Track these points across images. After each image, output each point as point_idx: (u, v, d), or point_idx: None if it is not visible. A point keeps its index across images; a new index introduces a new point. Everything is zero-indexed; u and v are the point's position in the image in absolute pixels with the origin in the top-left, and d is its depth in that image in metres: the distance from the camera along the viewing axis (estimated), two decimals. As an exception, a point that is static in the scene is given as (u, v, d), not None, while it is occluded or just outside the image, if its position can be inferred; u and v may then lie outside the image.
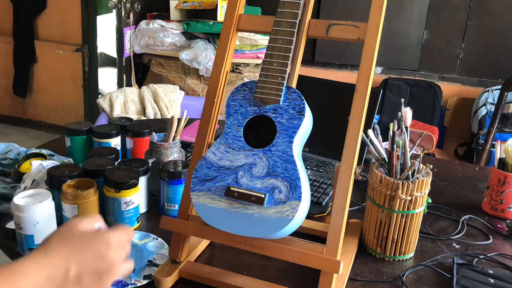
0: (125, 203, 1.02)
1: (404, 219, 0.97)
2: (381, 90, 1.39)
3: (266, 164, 0.81)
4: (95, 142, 1.26)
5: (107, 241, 0.62)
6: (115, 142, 1.28)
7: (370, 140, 0.99)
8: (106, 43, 3.53)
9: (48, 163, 1.11)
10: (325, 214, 1.15)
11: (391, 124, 0.97)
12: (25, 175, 1.10)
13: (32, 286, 0.57)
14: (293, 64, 0.88)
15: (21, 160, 1.20)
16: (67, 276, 0.59)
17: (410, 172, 0.97)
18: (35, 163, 1.10)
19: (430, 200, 1.20)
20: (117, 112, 2.34)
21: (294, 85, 0.88)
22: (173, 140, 1.19)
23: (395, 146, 0.97)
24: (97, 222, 0.67)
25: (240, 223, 0.79)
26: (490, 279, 0.91)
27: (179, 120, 1.21)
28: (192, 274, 0.89)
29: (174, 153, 1.18)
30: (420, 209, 0.98)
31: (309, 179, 1.24)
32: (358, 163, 1.28)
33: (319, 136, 1.20)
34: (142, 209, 1.11)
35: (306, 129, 0.84)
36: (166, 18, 3.16)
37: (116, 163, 1.13)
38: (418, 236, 1.01)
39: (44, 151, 1.26)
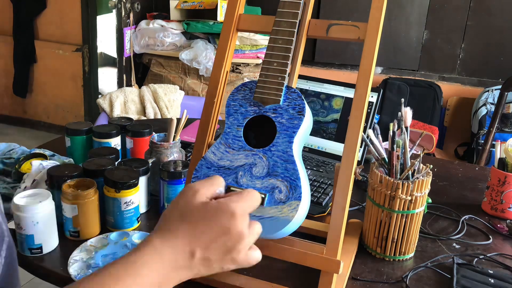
0: (125, 203, 1.02)
1: (404, 219, 0.97)
2: (381, 90, 1.39)
3: (266, 164, 0.81)
4: (95, 142, 1.26)
5: (231, 212, 0.55)
6: (115, 142, 1.28)
7: (370, 140, 0.99)
8: (106, 43, 3.53)
9: (48, 163, 1.11)
10: (325, 214, 1.15)
11: (391, 124, 0.97)
12: (25, 175, 1.10)
13: (156, 277, 0.53)
14: (293, 64, 0.88)
15: (21, 160, 1.20)
16: (193, 258, 0.55)
17: (410, 172, 0.97)
18: (35, 163, 1.10)
19: (430, 200, 1.20)
20: (117, 112, 2.34)
21: (294, 85, 0.88)
22: (173, 140, 1.19)
23: (395, 146, 0.97)
24: (216, 187, 0.61)
25: (240, 223, 0.79)
26: (490, 279, 0.91)
27: (178, 120, 1.21)
28: (192, 274, 0.89)
29: (174, 153, 1.18)
30: (420, 209, 0.98)
31: (309, 179, 1.24)
32: (358, 163, 1.28)
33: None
34: (142, 209, 1.12)
35: (306, 129, 0.84)
36: (166, 18, 3.16)
37: (116, 163, 1.13)
38: (418, 236, 1.01)
39: (46, 152, 1.26)
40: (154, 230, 0.58)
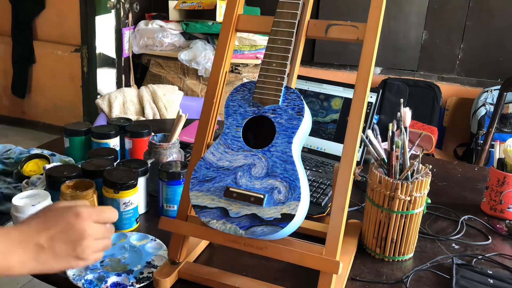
0: (124, 203, 1.02)
1: (403, 220, 0.97)
2: (380, 90, 1.39)
3: (265, 164, 0.81)
4: (94, 142, 1.26)
5: (77, 212, 0.66)
6: (114, 142, 1.27)
7: (369, 141, 0.99)
8: (105, 44, 3.53)
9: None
10: (325, 214, 1.15)
11: (390, 125, 0.97)
12: (32, 178, 1.10)
13: (5, 245, 0.62)
14: (292, 64, 0.88)
15: (23, 162, 1.19)
16: (38, 242, 0.63)
17: (409, 173, 0.97)
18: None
19: (429, 201, 1.19)
20: (116, 113, 2.34)
21: (293, 85, 0.88)
22: (171, 140, 1.19)
23: (394, 146, 0.97)
24: (79, 205, 0.69)
25: (239, 223, 0.79)
26: (489, 280, 0.91)
27: (178, 120, 1.21)
28: (191, 274, 0.89)
29: (173, 154, 1.18)
30: (419, 210, 0.97)
31: (308, 180, 1.24)
32: (357, 164, 1.28)
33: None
34: (141, 209, 1.11)
35: (305, 129, 0.84)
36: (165, 18, 3.16)
37: (115, 163, 1.12)
38: (417, 236, 1.01)
39: (46, 152, 1.25)
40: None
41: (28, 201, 0.93)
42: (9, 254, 0.62)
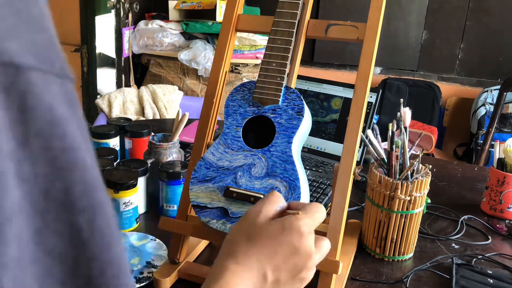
0: (124, 203, 1.02)
1: (403, 219, 0.97)
2: (380, 90, 1.39)
3: (265, 164, 0.81)
4: (94, 142, 1.26)
5: (298, 231, 0.55)
6: (114, 142, 1.27)
7: (369, 140, 0.99)
8: (104, 44, 3.53)
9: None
10: (324, 214, 1.14)
11: (390, 124, 0.97)
12: None
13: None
14: (292, 64, 0.88)
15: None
16: (266, 281, 0.54)
17: (409, 173, 0.97)
18: None
19: (429, 200, 1.19)
20: (116, 113, 2.34)
21: (293, 85, 0.88)
22: (171, 140, 1.19)
23: (394, 146, 0.97)
24: (276, 204, 0.60)
25: (239, 223, 0.79)
26: (489, 279, 0.91)
27: (177, 119, 1.21)
28: (191, 274, 0.89)
29: (173, 154, 1.18)
30: (419, 209, 0.97)
31: (308, 180, 1.24)
32: (357, 164, 1.28)
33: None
34: (141, 209, 1.11)
35: (305, 129, 0.84)
36: (165, 18, 3.16)
37: (115, 163, 1.12)
38: (417, 236, 1.01)
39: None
40: (221, 257, 0.58)
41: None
42: None
